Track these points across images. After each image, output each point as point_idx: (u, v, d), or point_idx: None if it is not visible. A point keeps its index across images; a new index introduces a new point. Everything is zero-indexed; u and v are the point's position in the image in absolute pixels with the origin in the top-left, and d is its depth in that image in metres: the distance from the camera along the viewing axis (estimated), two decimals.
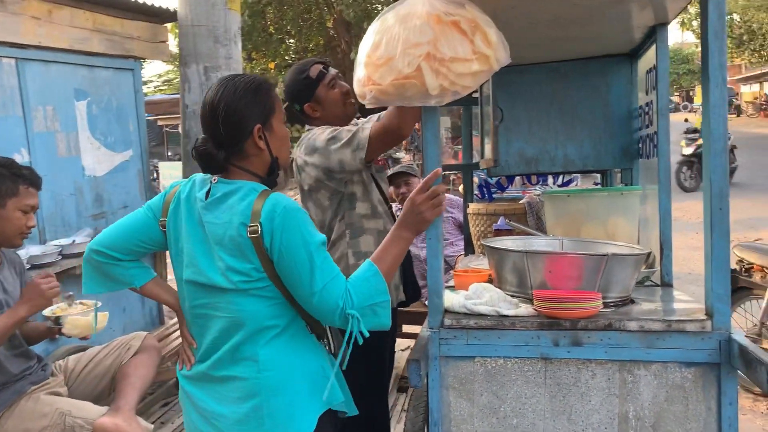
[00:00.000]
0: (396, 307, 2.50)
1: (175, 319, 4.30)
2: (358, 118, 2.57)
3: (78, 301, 2.71)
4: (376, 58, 1.67)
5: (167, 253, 1.77)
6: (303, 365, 1.64)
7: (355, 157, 2.23)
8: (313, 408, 1.64)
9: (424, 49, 1.62)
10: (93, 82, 4.26)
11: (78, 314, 2.53)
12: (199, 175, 1.70)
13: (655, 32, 2.29)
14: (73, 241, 3.71)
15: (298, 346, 1.65)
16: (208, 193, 1.62)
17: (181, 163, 4.88)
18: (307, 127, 2.51)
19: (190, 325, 1.72)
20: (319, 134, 2.33)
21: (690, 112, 33.50)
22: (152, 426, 2.58)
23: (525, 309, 1.84)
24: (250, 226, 1.54)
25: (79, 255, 3.64)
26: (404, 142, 14.23)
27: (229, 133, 1.61)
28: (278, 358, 1.61)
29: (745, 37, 26.58)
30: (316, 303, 1.55)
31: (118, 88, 4.50)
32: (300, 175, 2.41)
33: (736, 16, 25.61)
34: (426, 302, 4.13)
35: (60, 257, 3.52)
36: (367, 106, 1.75)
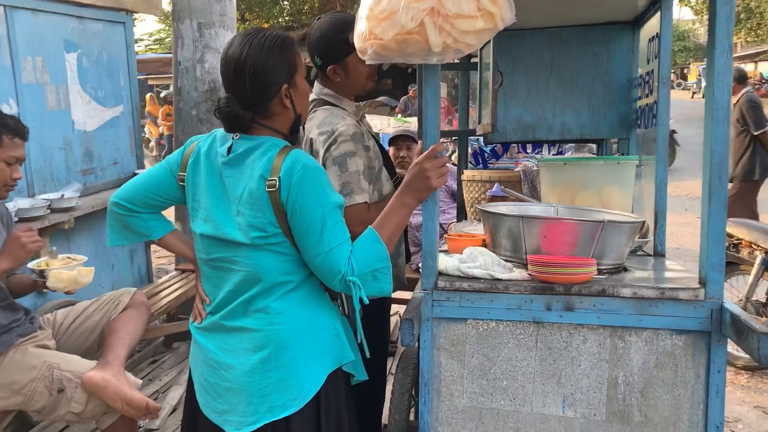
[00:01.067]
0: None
1: (165, 277, 4.29)
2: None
3: (65, 255, 2.68)
4: (379, 11, 1.62)
5: None
6: (314, 322, 1.65)
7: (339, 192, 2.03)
8: (321, 365, 1.65)
9: (428, 3, 1.58)
10: (83, 34, 4.16)
11: (62, 268, 2.51)
12: (219, 131, 1.70)
13: None
14: (62, 195, 3.66)
15: (311, 303, 1.66)
16: (230, 149, 1.62)
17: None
18: (316, 93, 2.33)
19: (206, 277, 1.73)
20: (343, 141, 2.12)
21: (684, 89, 33.47)
22: (140, 381, 2.58)
23: (519, 273, 1.84)
24: (269, 180, 1.54)
25: (68, 209, 3.61)
26: (397, 108, 14.11)
27: (257, 92, 1.60)
28: (290, 312, 1.62)
29: (742, 15, 26.40)
30: (319, 264, 1.56)
31: (109, 41, 4.40)
32: (309, 147, 2.25)
33: None
34: (415, 268, 4.14)
35: (48, 211, 3.48)
36: (367, 62, 1.71)
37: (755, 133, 6.22)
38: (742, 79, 6.46)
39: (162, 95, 16.31)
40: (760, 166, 6.21)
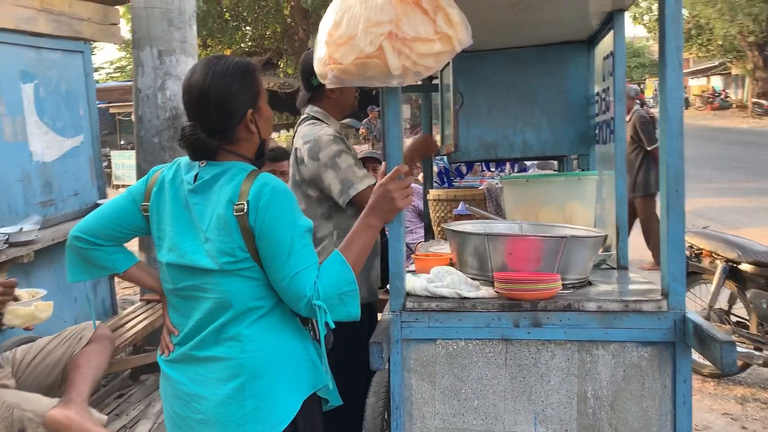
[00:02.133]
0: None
1: (130, 309, 4.20)
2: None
3: (25, 290, 2.61)
4: (338, 36, 1.64)
5: None
6: (287, 347, 1.63)
7: (339, 196, 2.35)
8: (296, 391, 1.62)
9: (385, 28, 1.60)
10: (40, 63, 4.09)
11: (19, 304, 2.43)
12: (183, 159, 1.68)
13: (612, 18, 2.32)
14: (20, 228, 3.56)
15: (283, 329, 1.64)
16: (196, 176, 1.61)
17: (134, 152, 4.74)
18: (307, 111, 2.55)
19: (174, 308, 1.70)
20: (326, 145, 2.36)
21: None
22: (105, 417, 2.51)
23: (486, 291, 1.85)
24: (236, 204, 1.53)
25: (27, 243, 3.52)
26: (363, 131, 14.18)
27: (222, 118, 1.60)
28: (262, 338, 1.59)
29: (693, 32, 27.31)
30: (285, 287, 1.55)
31: (66, 70, 4.34)
32: (297, 165, 2.45)
33: (684, 11, 26.33)
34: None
35: (6, 245, 3.39)
36: (328, 86, 1.72)
37: (648, 149, 6.57)
38: (632, 97, 6.82)
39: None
40: (654, 178, 6.51)
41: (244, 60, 1.68)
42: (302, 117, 2.57)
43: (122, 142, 18.59)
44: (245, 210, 1.52)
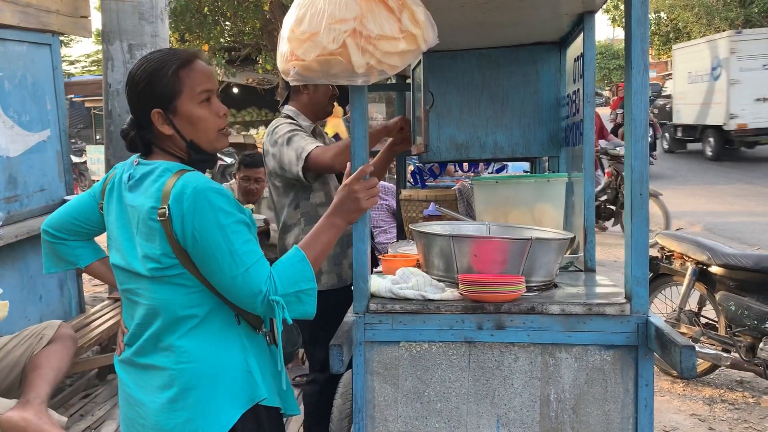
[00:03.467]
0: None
1: (97, 307, 4.13)
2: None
3: None
4: (300, 32, 1.61)
5: None
6: (222, 360, 1.55)
7: (296, 166, 2.49)
8: (232, 405, 1.55)
9: (349, 25, 1.57)
10: (5, 56, 3.99)
11: None
12: (133, 157, 1.64)
13: (582, 20, 2.32)
14: None
15: (219, 339, 1.56)
16: (130, 175, 1.57)
17: None
18: (283, 111, 2.75)
19: (124, 309, 1.66)
20: (282, 129, 2.57)
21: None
22: (66, 419, 2.45)
23: (450, 293, 1.83)
24: (159, 209, 1.46)
25: None
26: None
27: (136, 115, 1.59)
28: (196, 350, 1.53)
29: (671, 35, 27.61)
30: (238, 286, 1.47)
31: (33, 63, 4.24)
32: (265, 158, 2.68)
33: (663, 15, 26.61)
34: None
35: None
36: (291, 83, 1.69)
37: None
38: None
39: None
40: None
41: (168, 55, 1.57)
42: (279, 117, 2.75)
43: (98, 137, 18.33)
44: (167, 215, 1.45)
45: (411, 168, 4.23)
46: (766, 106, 14.13)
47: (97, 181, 1.75)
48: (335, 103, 2.84)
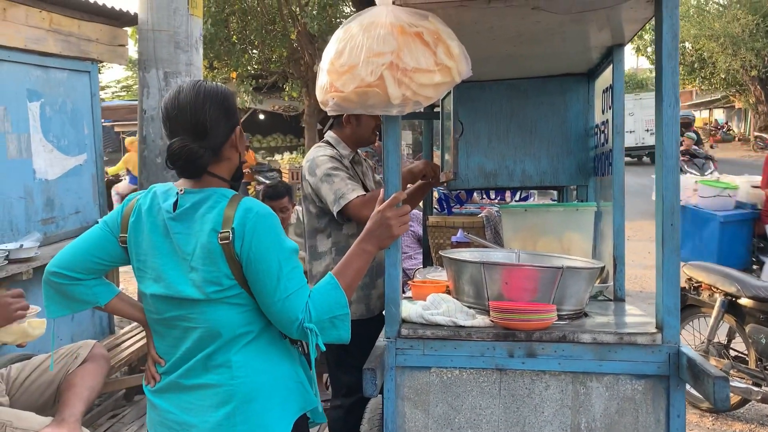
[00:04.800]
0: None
1: (126, 328, 4.19)
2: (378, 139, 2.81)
3: None
4: (339, 65, 1.67)
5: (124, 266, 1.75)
6: (276, 371, 1.62)
7: (332, 206, 2.55)
8: (287, 414, 1.61)
9: (387, 58, 1.63)
10: (47, 83, 4.14)
11: None
12: (159, 186, 1.66)
13: (611, 53, 2.36)
14: (21, 245, 3.58)
15: (271, 352, 1.63)
16: (176, 204, 1.59)
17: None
18: (325, 136, 2.82)
19: (160, 337, 1.67)
20: (323, 162, 2.62)
21: None
22: None
23: (481, 320, 1.85)
24: (221, 233, 1.51)
25: (27, 260, 3.53)
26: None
27: (213, 135, 1.59)
28: (252, 363, 1.59)
29: (696, 65, 27.51)
30: (277, 311, 1.53)
31: (73, 90, 4.39)
32: (302, 181, 2.75)
33: (688, 45, 26.53)
34: None
35: (6, 262, 3.40)
36: (329, 113, 1.74)
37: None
38: None
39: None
40: None
41: (221, 85, 1.71)
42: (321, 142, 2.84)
43: None
44: (230, 238, 1.50)
45: (437, 195, 4.27)
46: None
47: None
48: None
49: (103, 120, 4.83)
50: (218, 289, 1.54)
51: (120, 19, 4.69)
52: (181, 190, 1.60)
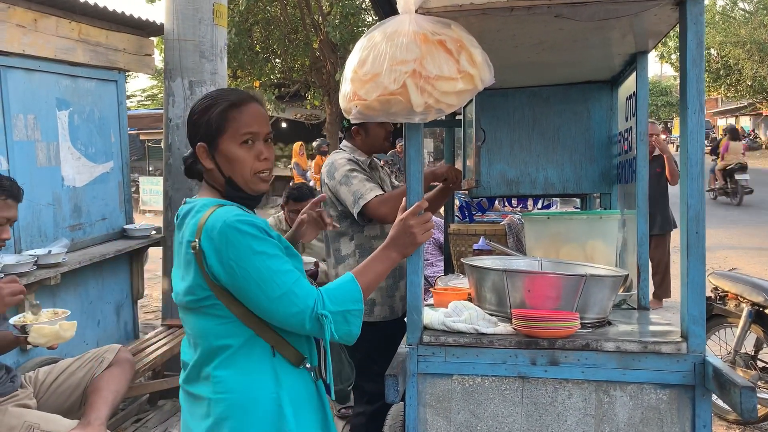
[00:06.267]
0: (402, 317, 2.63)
1: (151, 333, 4.24)
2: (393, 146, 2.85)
3: (50, 310, 2.66)
4: (363, 73, 1.68)
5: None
6: (255, 391, 1.56)
7: (352, 208, 2.63)
8: None
9: (410, 66, 1.64)
10: (76, 92, 4.23)
11: (44, 323, 2.48)
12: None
13: (635, 60, 2.34)
14: (49, 251, 3.65)
15: (253, 371, 1.57)
16: (178, 215, 1.66)
17: (162, 178, 4.85)
18: (341, 144, 2.94)
19: (185, 342, 1.72)
20: (341, 165, 2.71)
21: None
22: None
23: (503, 327, 1.85)
24: (192, 242, 1.52)
25: (55, 265, 3.59)
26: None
27: (191, 145, 1.66)
28: (230, 381, 1.56)
29: (721, 72, 27.17)
30: (283, 307, 1.49)
31: (100, 99, 4.48)
32: (322, 187, 2.85)
33: (713, 51, 26.22)
34: None
35: (35, 267, 3.47)
36: (352, 121, 1.76)
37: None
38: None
39: (315, 144, 15.11)
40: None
41: (222, 94, 1.65)
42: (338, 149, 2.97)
43: (151, 168, 18.95)
44: (197, 248, 1.50)
45: (458, 203, 4.26)
46: None
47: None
48: None
49: (128, 129, 4.91)
50: (193, 298, 1.54)
51: (146, 29, 4.78)
52: (184, 201, 1.66)
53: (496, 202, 4.33)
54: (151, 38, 4.95)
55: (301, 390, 1.62)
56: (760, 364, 3.98)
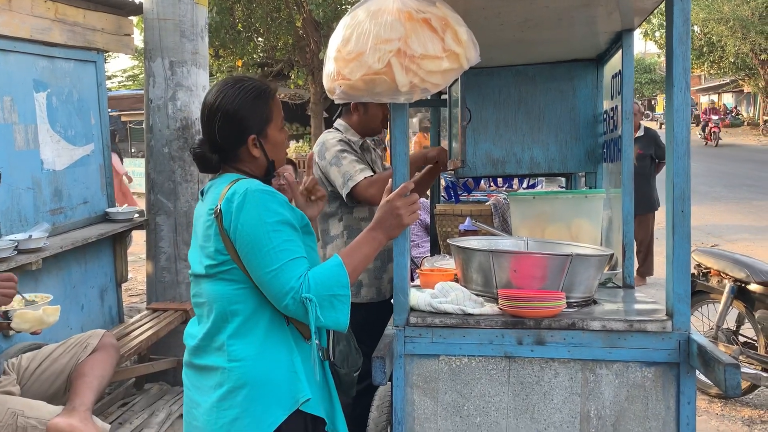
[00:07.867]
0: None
1: (136, 317, 4.22)
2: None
3: (32, 295, 2.63)
4: (346, 53, 1.65)
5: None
6: (270, 359, 1.59)
7: (341, 189, 2.61)
8: (278, 405, 1.58)
9: (394, 45, 1.61)
10: (53, 73, 4.14)
11: (27, 308, 2.45)
12: None
13: (620, 38, 2.33)
14: (30, 236, 3.59)
15: (268, 339, 1.60)
16: (203, 191, 1.71)
17: (144, 159, 4.78)
18: (335, 123, 2.87)
19: (196, 318, 1.74)
20: (332, 146, 2.68)
21: (651, 120, 34.29)
22: (109, 426, 2.51)
23: (490, 308, 1.85)
24: (215, 208, 1.58)
25: (36, 250, 3.54)
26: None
27: (225, 139, 1.66)
28: (245, 348, 1.58)
29: (705, 49, 27.24)
30: (268, 282, 1.52)
31: (79, 80, 4.38)
32: (313, 167, 2.72)
33: (696, 28, 26.27)
34: None
35: (15, 252, 3.41)
36: (336, 101, 1.73)
37: None
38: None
39: (414, 120, 13.85)
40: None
41: (261, 85, 1.69)
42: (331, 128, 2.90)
43: (133, 150, 18.74)
44: (219, 211, 1.56)
45: (444, 183, 4.25)
46: None
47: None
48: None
49: (109, 110, 4.82)
50: (212, 263, 1.59)
51: (125, 8, 4.67)
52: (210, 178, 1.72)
53: (482, 181, 4.33)
54: (131, 18, 4.84)
55: (309, 363, 1.65)
56: (741, 339, 4.04)
